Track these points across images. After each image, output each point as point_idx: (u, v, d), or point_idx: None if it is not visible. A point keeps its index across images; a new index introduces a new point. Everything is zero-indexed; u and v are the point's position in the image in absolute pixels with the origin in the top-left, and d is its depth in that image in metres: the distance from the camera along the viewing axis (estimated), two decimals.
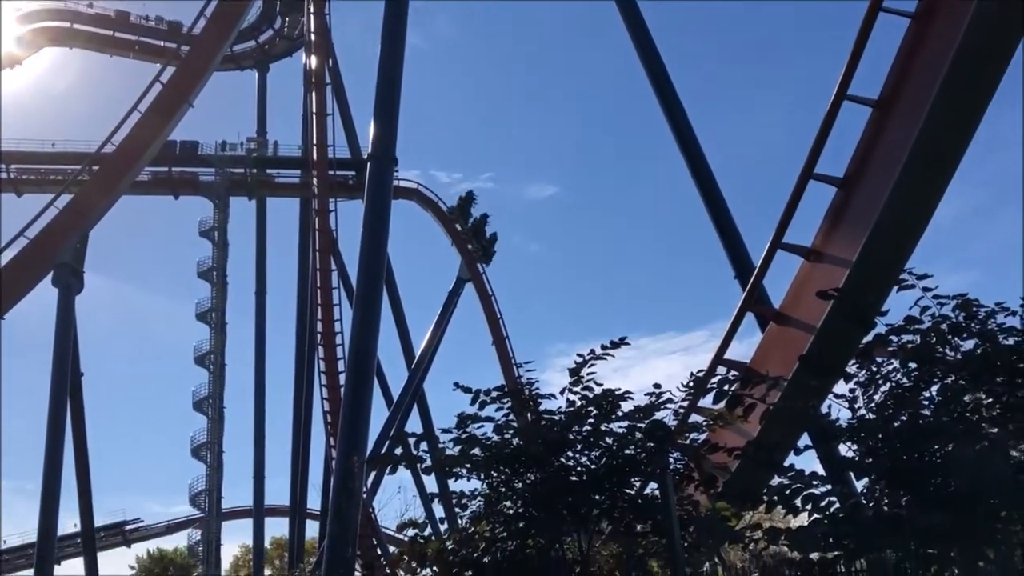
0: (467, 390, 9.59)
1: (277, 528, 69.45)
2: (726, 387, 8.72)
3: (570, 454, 9.48)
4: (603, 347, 9.63)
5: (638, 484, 9.73)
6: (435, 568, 9.40)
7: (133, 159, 36.72)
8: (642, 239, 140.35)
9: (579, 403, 9.42)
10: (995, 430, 6.87)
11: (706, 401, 11.03)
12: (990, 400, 6.91)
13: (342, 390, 27.55)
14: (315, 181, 47.67)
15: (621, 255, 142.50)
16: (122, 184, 37.46)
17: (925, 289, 7.12)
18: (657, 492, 9.04)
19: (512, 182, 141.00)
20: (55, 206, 36.37)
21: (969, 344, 7.01)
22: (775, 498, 7.52)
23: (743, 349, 15.42)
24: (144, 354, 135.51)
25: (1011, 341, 6.86)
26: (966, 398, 6.96)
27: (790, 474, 7.48)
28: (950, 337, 7.04)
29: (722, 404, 9.36)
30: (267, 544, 64.83)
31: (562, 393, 9.58)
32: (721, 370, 13.23)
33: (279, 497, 62.69)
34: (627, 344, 9.73)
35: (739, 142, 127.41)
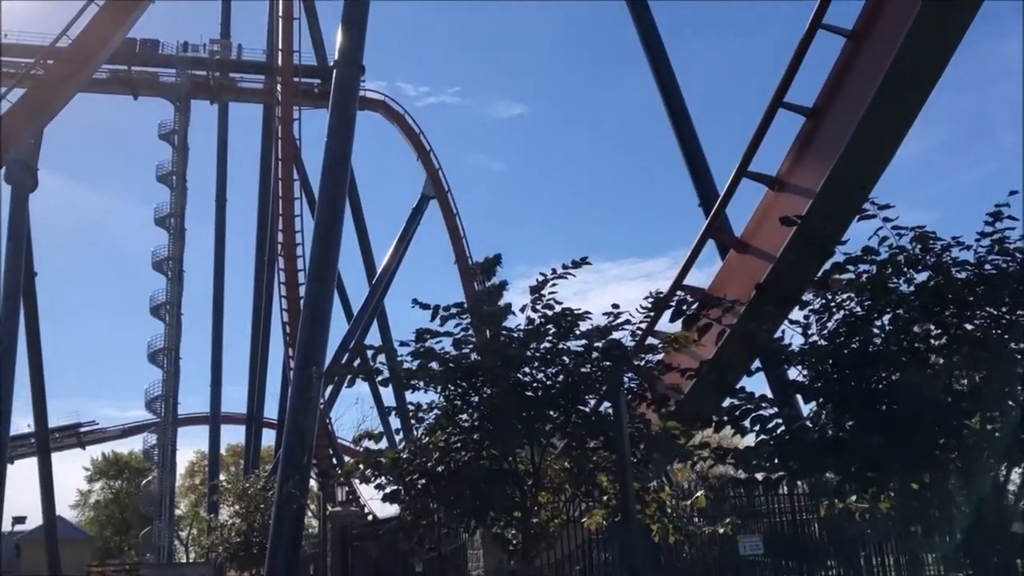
0: (426, 306, 9.62)
1: (233, 436, 70.04)
2: (684, 308, 8.80)
3: (527, 370, 9.61)
4: (564, 267, 9.68)
5: (592, 402, 9.91)
6: (389, 476, 9.57)
7: (91, 54, 35.34)
8: (608, 164, 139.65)
9: (538, 321, 9.51)
10: (941, 360, 7.06)
11: (663, 327, 11.21)
12: (939, 331, 7.07)
13: (301, 301, 27.40)
14: (279, 88, 46.53)
15: (586, 179, 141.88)
16: (79, 79, 36.16)
17: (886, 219, 7.21)
18: (610, 410, 9.23)
19: (480, 98, 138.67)
20: (7, 100, 35.13)
21: (923, 276, 7.14)
22: (724, 418, 7.69)
23: (704, 278, 15.56)
24: (100, 257, 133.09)
25: (963, 275, 6.99)
26: (916, 328, 7.12)
27: (740, 396, 7.64)
28: (905, 269, 7.15)
29: (679, 326, 9.49)
30: (223, 451, 65.35)
31: (522, 311, 9.66)
32: (680, 296, 13.35)
33: (236, 405, 63.01)
34: (588, 264, 9.78)
35: (713, 68, 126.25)
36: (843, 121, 11.78)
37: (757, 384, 10.61)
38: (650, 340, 10.62)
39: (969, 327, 6.95)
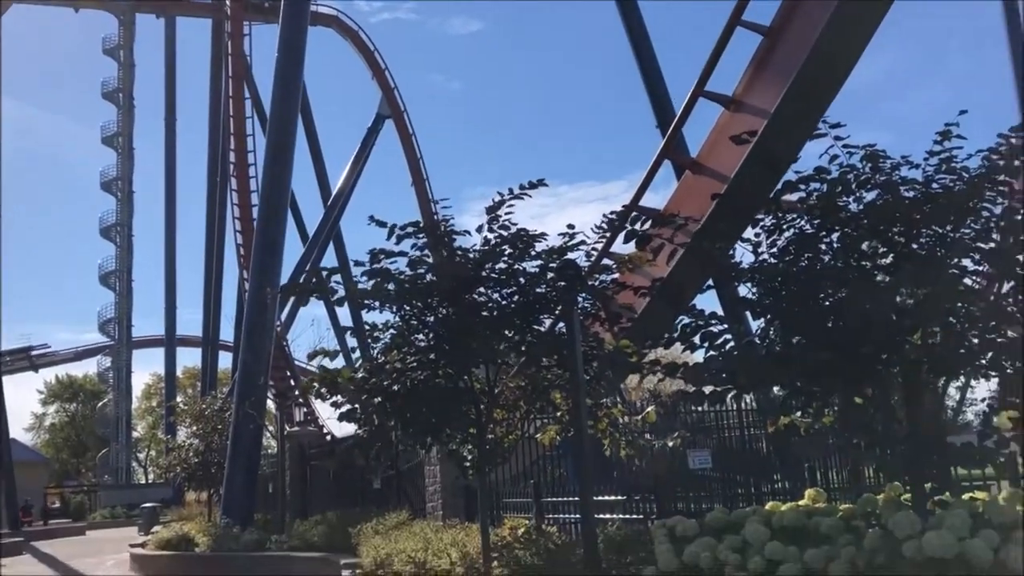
0: (381, 224, 9.53)
1: (190, 358, 69.73)
2: (637, 228, 8.85)
3: (482, 291, 9.65)
4: (521, 187, 9.63)
5: (548, 321, 10.01)
6: (345, 395, 9.63)
7: None
8: (567, 85, 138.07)
9: (494, 242, 9.50)
10: (887, 278, 7.21)
11: (620, 249, 11.27)
12: (885, 250, 7.20)
13: (255, 222, 27.05)
14: (228, 1, 44.94)
15: (544, 101, 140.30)
16: None
17: (837, 138, 7.23)
18: (564, 329, 9.33)
19: (436, 14, 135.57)
20: None
21: (872, 195, 7.22)
22: (675, 335, 7.82)
23: (662, 201, 15.59)
24: (45, 177, 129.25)
25: (911, 194, 7.09)
26: (863, 246, 7.25)
27: (691, 314, 7.76)
28: (855, 188, 7.23)
29: (633, 246, 9.55)
30: (179, 374, 65.10)
31: (478, 231, 9.64)
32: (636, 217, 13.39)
33: (192, 328, 62.61)
34: (544, 185, 9.74)
35: None
36: (799, 40, 11.74)
37: (711, 302, 10.80)
38: (605, 260, 10.70)
39: (915, 245, 7.08)
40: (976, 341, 6.90)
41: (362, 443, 10.32)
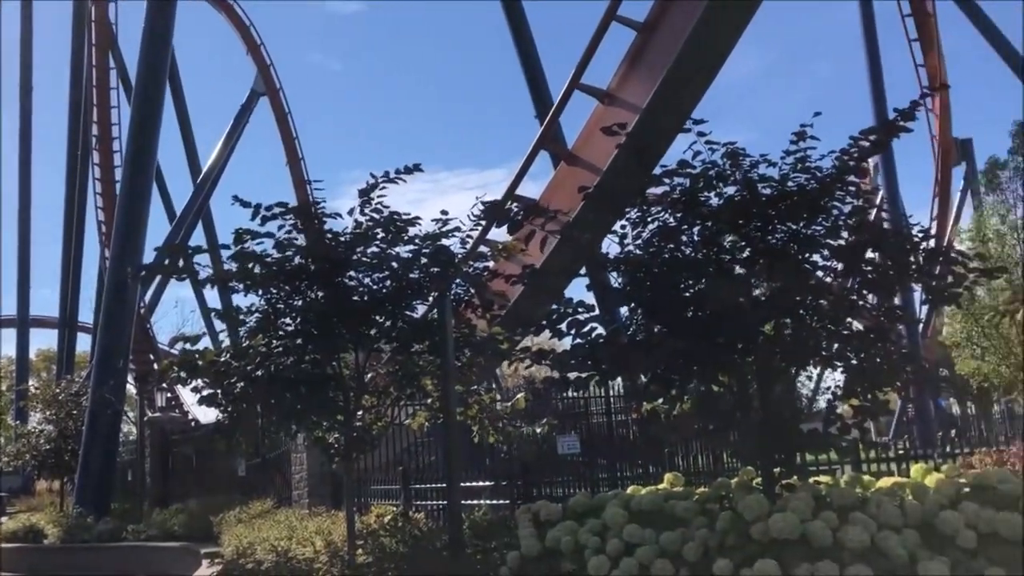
0: (247, 204, 9.22)
1: (44, 340, 65.85)
2: (511, 216, 8.90)
3: (353, 275, 9.49)
4: (396, 171, 9.52)
5: (420, 307, 9.95)
6: (206, 380, 9.30)
7: None
8: (449, 71, 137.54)
9: (366, 225, 9.36)
10: (744, 270, 7.52)
11: (499, 237, 11.32)
12: (743, 244, 7.51)
13: (117, 198, 25.74)
14: None
15: (425, 85, 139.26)
16: None
17: (700, 134, 7.47)
18: (437, 316, 9.30)
19: None
20: None
21: (732, 190, 7.50)
22: (544, 323, 7.92)
23: (540, 190, 15.77)
24: None
25: (768, 191, 7.41)
26: (722, 240, 7.53)
27: (559, 302, 7.88)
28: (715, 183, 7.50)
29: (506, 233, 9.61)
30: (33, 356, 61.54)
31: (350, 214, 9.46)
32: (513, 205, 13.48)
33: (48, 309, 59.16)
34: (420, 171, 9.65)
35: None
36: (671, 37, 12.09)
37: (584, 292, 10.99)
38: (481, 248, 10.72)
39: (770, 240, 7.40)
40: (824, 333, 7.28)
41: (224, 429, 9.96)
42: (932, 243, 8.10)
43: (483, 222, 10.03)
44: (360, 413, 9.83)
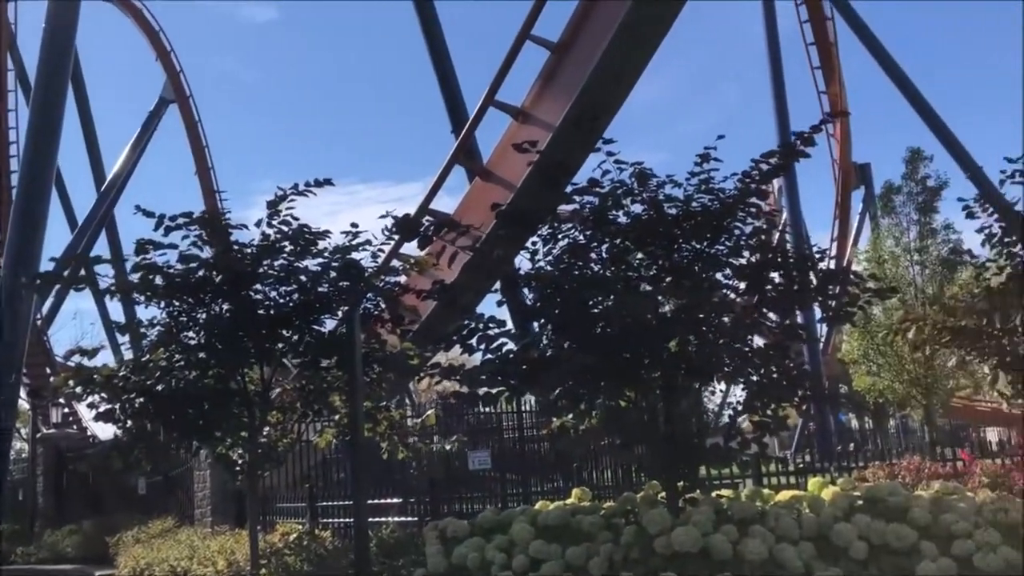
0: (150, 214, 8.97)
1: None
2: (422, 231, 8.87)
3: (259, 288, 9.31)
4: (306, 183, 9.40)
5: (328, 322, 9.81)
6: (104, 394, 8.98)
7: None
8: (365, 83, 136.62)
9: (274, 237, 9.20)
10: (650, 288, 7.67)
11: (408, 251, 11.25)
12: (649, 261, 7.67)
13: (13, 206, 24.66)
14: None
15: (342, 97, 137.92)
16: None
17: (609, 154, 7.62)
18: (345, 330, 9.18)
19: None
20: None
21: (639, 209, 7.66)
22: (454, 338, 7.92)
23: (456, 204, 15.78)
24: None
25: (673, 211, 7.58)
26: (630, 258, 7.67)
27: (470, 317, 7.89)
28: (624, 202, 7.64)
29: (415, 245, 9.57)
30: None
31: (257, 225, 9.29)
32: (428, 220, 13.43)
33: None
34: (331, 184, 9.56)
35: None
36: (584, 57, 12.27)
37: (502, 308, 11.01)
38: (394, 262, 10.65)
39: (675, 258, 7.58)
40: (726, 349, 7.47)
41: (122, 446, 9.62)
42: (830, 263, 8.43)
43: (395, 236, 9.98)
44: (266, 429, 9.63)
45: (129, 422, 9.15)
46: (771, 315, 8.03)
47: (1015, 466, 9.38)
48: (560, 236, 7.90)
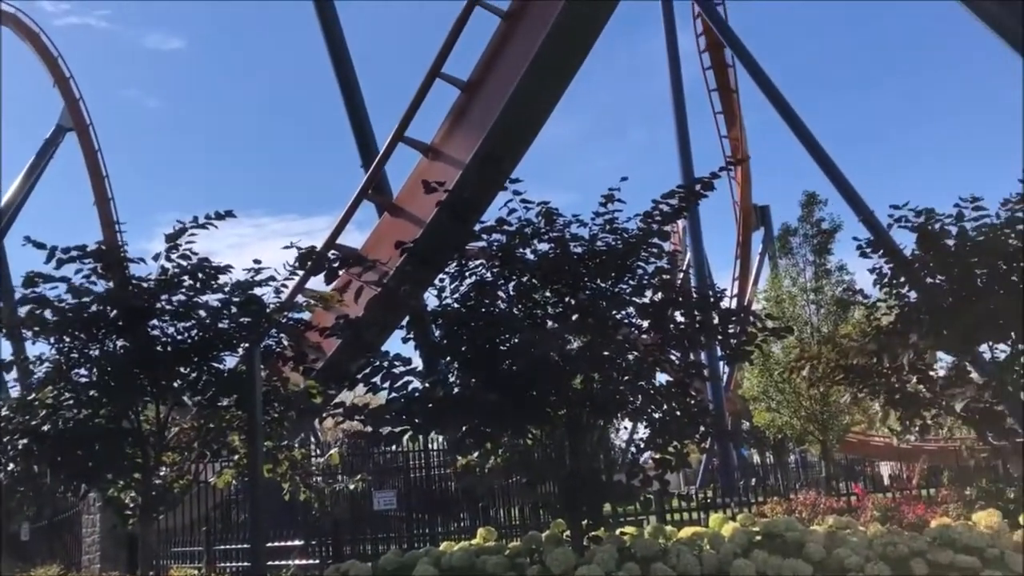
0: (40, 246, 8.60)
1: None
2: (327, 265, 8.75)
3: (157, 323, 9.01)
4: (207, 216, 9.19)
5: (228, 358, 9.54)
6: None
7: None
8: (273, 116, 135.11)
9: (172, 272, 8.94)
10: (556, 325, 7.72)
11: (315, 286, 11.06)
12: (555, 299, 7.74)
13: None
14: None
15: (249, 128, 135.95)
16: None
17: (515, 192, 7.71)
18: (246, 368, 8.94)
19: (133, 25, 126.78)
20: None
21: (546, 247, 7.74)
22: (358, 376, 7.79)
23: (364, 239, 15.65)
24: None
25: (579, 250, 7.69)
26: (536, 296, 7.73)
27: (375, 355, 7.78)
28: (531, 240, 7.72)
29: (322, 280, 9.43)
30: None
31: (156, 259, 9.03)
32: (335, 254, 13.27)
33: None
34: (232, 216, 9.36)
35: (382, 31, 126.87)
36: (494, 98, 12.44)
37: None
38: (300, 298, 10.45)
39: (581, 296, 7.67)
40: (630, 387, 7.56)
41: (4, 490, 9.10)
42: (732, 303, 8.67)
43: (300, 271, 9.81)
44: (161, 470, 9.27)
45: (11, 465, 8.67)
46: (674, 353, 8.20)
47: (904, 500, 9.76)
48: (467, 273, 7.90)
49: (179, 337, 9.04)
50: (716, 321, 8.08)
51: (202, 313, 9.05)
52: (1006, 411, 9.37)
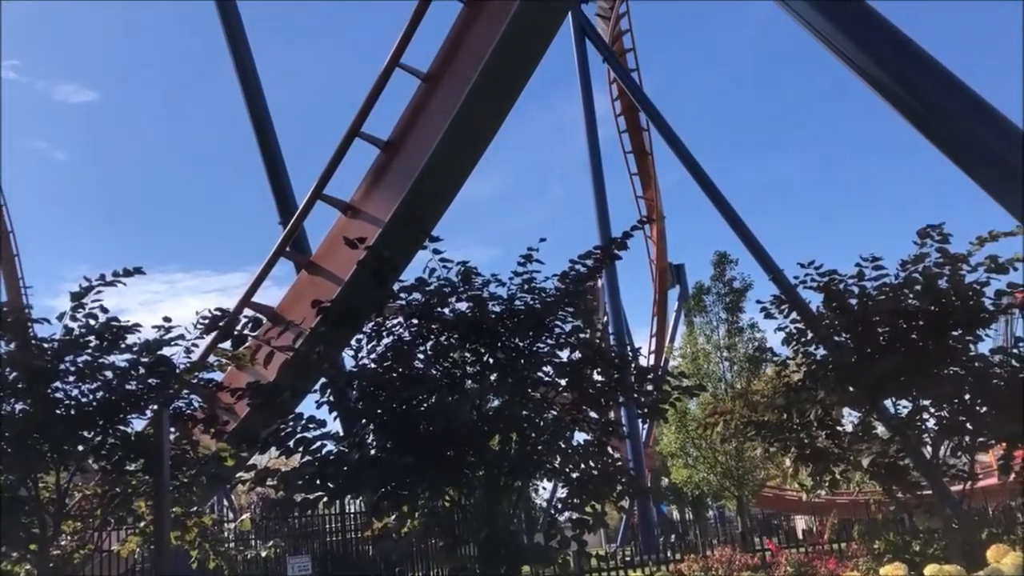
0: None
1: None
2: (239, 328, 8.57)
3: (59, 385, 8.66)
4: (115, 273, 8.94)
5: (134, 421, 9.21)
6: None
7: None
8: (188, 171, 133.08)
9: (77, 331, 8.64)
10: (474, 385, 7.71)
11: (227, 346, 10.78)
12: (473, 359, 7.74)
13: None
14: None
15: (162, 182, 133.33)
16: None
17: (435, 251, 7.75)
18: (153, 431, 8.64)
19: (42, 77, 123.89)
20: None
21: (464, 306, 7.76)
22: (270, 440, 7.62)
23: (282, 296, 15.39)
24: None
25: (498, 308, 7.74)
26: (454, 355, 7.71)
27: (288, 418, 7.63)
28: (449, 300, 7.73)
29: (233, 343, 9.22)
30: None
31: (60, 319, 8.71)
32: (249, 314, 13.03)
33: None
34: (142, 273, 9.13)
35: (304, 83, 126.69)
36: (413, 157, 12.51)
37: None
38: (212, 358, 10.18)
39: (499, 355, 7.69)
40: (547, 447, 7.57)
41: None
42: (650, 359, 8.80)
43: (212, 331, 9.58)
44: (61, 540, 8.82)
45: None
46: (591, 412, 8.25)
47: (816, 555, 9.94)
48: (385, 333, 7.86)
49: (83, 400, 8.69)
50: (633, 379, 8.18)
51: (108, 374, 8.73)
52: (910, 465, 9.66)
